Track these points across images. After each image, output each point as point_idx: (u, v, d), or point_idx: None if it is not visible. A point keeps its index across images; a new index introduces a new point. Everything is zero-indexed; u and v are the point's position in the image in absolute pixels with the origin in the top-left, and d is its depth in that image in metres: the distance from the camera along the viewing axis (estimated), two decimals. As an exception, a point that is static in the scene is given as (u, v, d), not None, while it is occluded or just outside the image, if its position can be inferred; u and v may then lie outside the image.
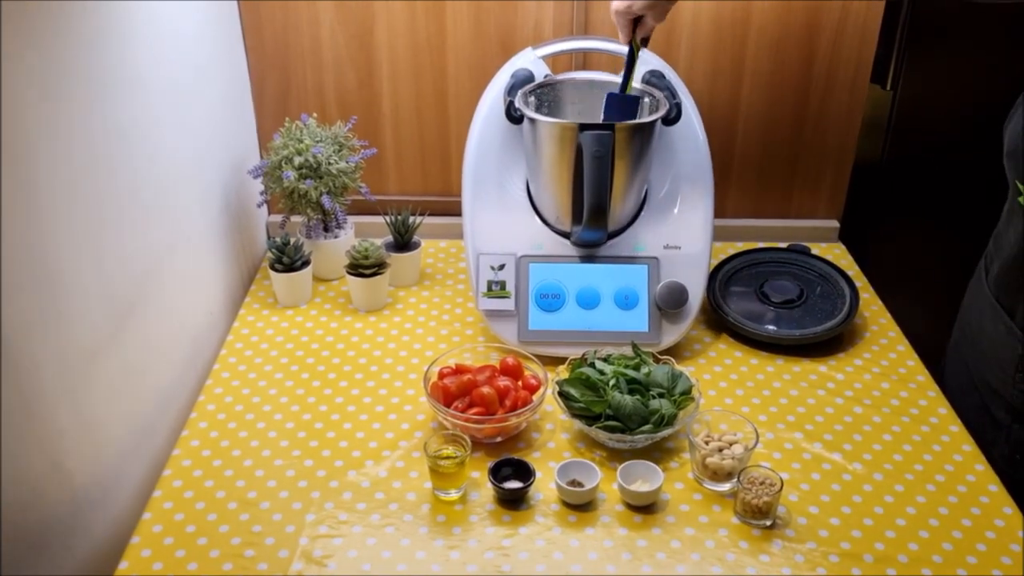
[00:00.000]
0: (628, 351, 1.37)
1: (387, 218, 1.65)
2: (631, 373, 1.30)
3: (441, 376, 1.33)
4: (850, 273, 1.62)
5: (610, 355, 1.36)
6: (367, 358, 1.48)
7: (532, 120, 1.40)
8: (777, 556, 1.12)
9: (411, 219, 1.65)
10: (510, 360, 1.36)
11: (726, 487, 1.21)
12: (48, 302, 1.02)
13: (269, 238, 1.74)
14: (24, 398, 0.99)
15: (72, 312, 1.08)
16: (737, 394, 1.41)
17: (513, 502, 1.20)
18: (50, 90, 1.02)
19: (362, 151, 1.63)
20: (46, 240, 1.02)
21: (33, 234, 0.99)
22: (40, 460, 1.03)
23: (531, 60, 1.52)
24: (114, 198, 1.18)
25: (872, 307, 1.62)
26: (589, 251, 1.47)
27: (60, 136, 1.04)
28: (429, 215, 1.72)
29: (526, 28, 1.65)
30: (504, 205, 1.50)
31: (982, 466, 1.26)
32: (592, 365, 1.33)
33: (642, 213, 1.50)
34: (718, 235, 1.79)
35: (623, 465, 1.21)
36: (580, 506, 1.19)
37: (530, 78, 1.49)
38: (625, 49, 1.52)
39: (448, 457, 1.20)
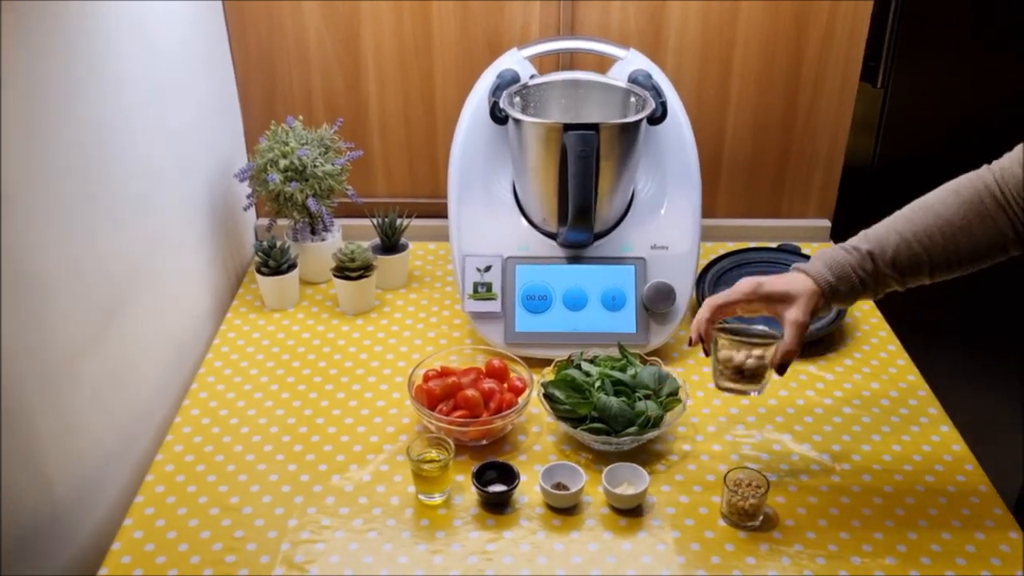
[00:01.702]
0: (615, 352, 1.36)
1: (374, 220, 1.64)
2: (617, 375, 1.29)
3: (426, 379, 1.32)
4: (840, 272, 1.61)
5: (596, 356, 1.35)
6: (353, 361, 1.47)
7: (517, 120, 1.39)
8: (763, 558, 1.11)
9: (398, 221, 1.64)
10: (496, 362, 1.35)
11: (751, 391, 1.15)
12: (26, 304, 1.01)
13: (256, 241, 1.73)
14: (3, 402, 0.97)
15: (52, 315, 1.07)
16: (725, 395, 1.39)
17: (497, 506, 1.19)
18: (31, 91, 1.01)
19: (348, 153, 1.62)
20: (23, 241, 1.00)
21: (10, 235, 0.98)
22: (20, 465, 1.02)
23: (517, 60, 1.51)
24: (95, 200, 1.17)
25: (862, 306, 1.60)
26: (576, 252, 1.46)
27: (40, 138, 1.03)
28: (417, 217, 1.71)
29: (512, 29, 1.64)
30: (490, 206, 1.48)
31: (971, 466, 1.25)
32: (578, 367, 1.32)
33: (629, 213, 1.48)
34: (708, 235, 1.78)
35: (608, 468, 1.20)
36: (565, 509, 1.18)
37: (516, 79, 1.48)
38: (610, 49, 1.51)
39: (432, 461, 1.19)
